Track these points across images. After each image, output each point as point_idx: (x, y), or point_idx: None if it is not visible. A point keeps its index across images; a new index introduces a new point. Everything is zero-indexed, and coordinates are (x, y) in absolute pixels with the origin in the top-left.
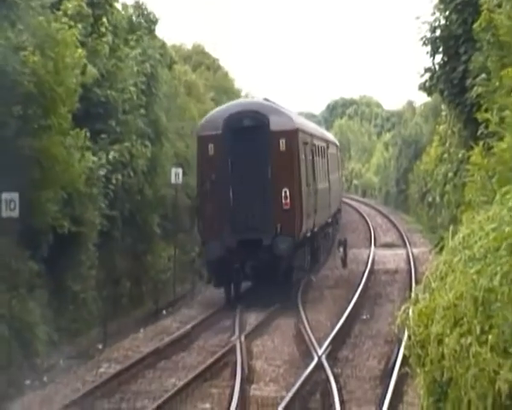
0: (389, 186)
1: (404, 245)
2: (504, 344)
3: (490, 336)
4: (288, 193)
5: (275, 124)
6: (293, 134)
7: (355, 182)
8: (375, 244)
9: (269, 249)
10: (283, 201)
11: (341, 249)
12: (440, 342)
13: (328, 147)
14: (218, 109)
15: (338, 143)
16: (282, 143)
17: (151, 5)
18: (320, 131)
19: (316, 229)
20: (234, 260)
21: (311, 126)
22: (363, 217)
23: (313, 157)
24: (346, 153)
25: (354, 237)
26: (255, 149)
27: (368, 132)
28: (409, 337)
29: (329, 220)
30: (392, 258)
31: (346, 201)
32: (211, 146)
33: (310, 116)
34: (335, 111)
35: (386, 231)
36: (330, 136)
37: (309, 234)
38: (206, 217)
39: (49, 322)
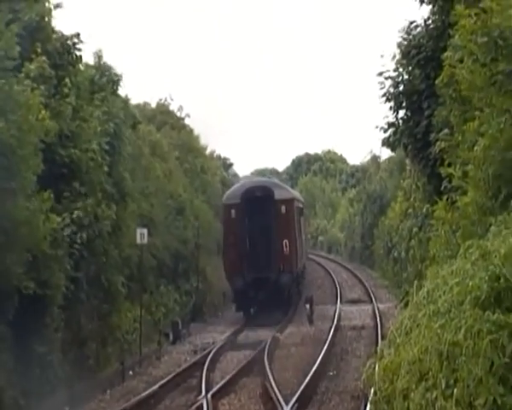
0: (354, 242)
1: (370, 301)
2: (469, 398)
3: (455, 390)
4: (287, 243)
5: (278, 195)
6: (290, 202)
7: (320, 238)
8: (340, 300)
9: (275, 283)
10: (284, 248)
11: (308, 306)
12: (406, 396)
13: (303, 208)
14: (238, 185)
15: (303, 201)
16: (283, 208)
17: (113, 63)
18: (298, 195)
19: (301, 269)
20: (251, 291)
21: (298, 194)
22: (329, 273)
23: (299, 217)
24: (311, 210)
25: (320, 294)
26: (264, 212)
27: (333, 188)
28: (374, 393)
29: (305, 265)
30: (358, 314)
31: (312, 257)
32: (233, 211)
33: (274, 173)
34: (300, 168)
35: (352, 287)
36: (298, 194)
37: (299, 272)
38: (231, 260)
39: (15, 386)
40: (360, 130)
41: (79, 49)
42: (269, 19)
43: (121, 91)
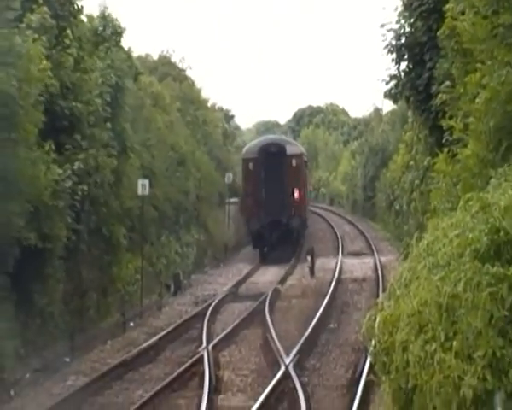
0: (356, 194)
1: (372, 253)
2: (468, 350)
3: (454, 343)
4: (297, 191)
5: (289, 150)
6: (300, 156)
7: (322, 190)
8: (342, 253)
9: (287, 225)
10: (295, 196)
11: (309, 258)
12: (405, 349)
13: (307, 161)
14: (255, 142)
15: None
16: (294, 161)
17: (116, 15)
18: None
19: (306, 215)
20: (266, 232)
21: (304, 150)
22: (331, 225)
23: (306, 170)
24: (313, 162)
25: (322, 246)
26: (278, 165)
27: (335, 141)
28: (374, 345)
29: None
30: (359, 266)
31: (314, 209)
32: (251, 164)
33: (275, 125)
34: (302, 120)
35: (354, 239)
36: (303, 149)
37: (306, 217)
38: (249, 206)
39: (16, 336)
40: (362, 82)
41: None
42: None
43: (124, 43)
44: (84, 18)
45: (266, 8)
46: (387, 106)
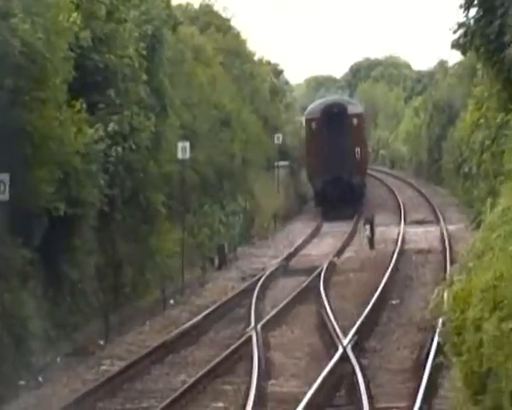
0: (420, 156)
1: (438, 221)
2: None
3: None
4: (358, 151)
5: (350, 110)
6: (360, 116)
7: (382, 152)
8: (405, 221)
9: (348, 182)
10: (356, 155)
11: (368, 228)
12: (478, 327)
13: (366, 119)
14: (317, 102)
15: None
16: (355, 121)
17: None
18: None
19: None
20: (329, 189)
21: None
22: (392, 191)
23: (365, 129)
24: (371, 120)
25: (382, 214)
26: (340, 125)
27: (396, 97)
28: (443, 324)
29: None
30: (424, 236)
31: (373, 173)
32: (313, 124)
33: (330, 80)
34: (359, 74)
35: (418, 206)
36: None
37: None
38: (312, 164)
39: (45, 316)
40: (425, 32)
41: None
42: None
43: None
44: None
45: None
46: (454, 57)
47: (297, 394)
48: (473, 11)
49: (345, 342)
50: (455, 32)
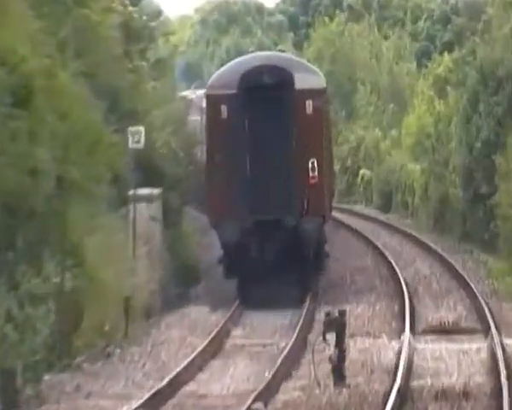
0: (449, 184)
1: (485, 330)
2: None
3: None
4: (315, 164)
5: (301, 81)
6: (320, 94)
7: (364, 173)
8: (412, 327)
9: (294, 231)
10: (310, 173)
11: (331, 338)
12: None
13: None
14: (232, 63)
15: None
16: (309, 104)
17: None
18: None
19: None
20: (252, 245)
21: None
22: (385, 258)
23: (329, 122)
24: (342, 106)
25: (363, 308)
26: (277, 112)
27: (396, 53)
28: None
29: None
30: (454, 360)
31: (342, 220)
32: (224, 107)
33: (261, 12)
34: (316, 3)
35: (442, 294)
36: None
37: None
38: (218, 193)
39: None
40: None
41: None
42: None
43: None
44: None
45: None
46: None
47: None
48: None
49: None
50: None
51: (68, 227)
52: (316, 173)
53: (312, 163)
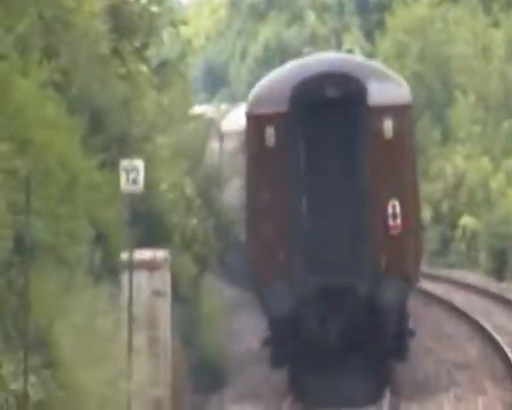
0: None
1: None
2: None
3: None
4: (397, 208)
5: (377, 94)
6: (405, 111)
7: (467, 222)
8: None
9: (366, 301)
10: (390, 221)
11: None
12: None
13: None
14: (281, 70)
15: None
16: (388, 126)
17: None
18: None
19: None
20: (309, 319)
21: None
22: (499, 348)
23: (414, 145)
24: (434, 124)
25: None
26: (344, 137)
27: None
28: None
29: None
30: None
31: (433, 294)
32: (270, 131)
33: None
34: None
35: None
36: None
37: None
38: (264, 248)
39: None
40: None
41: None
42: None
43: None
44: None
45: None
46: None
47: None
48: None
49: None
50: None
51: (33, 308)
52: (398, 221)
53: (393, 207)
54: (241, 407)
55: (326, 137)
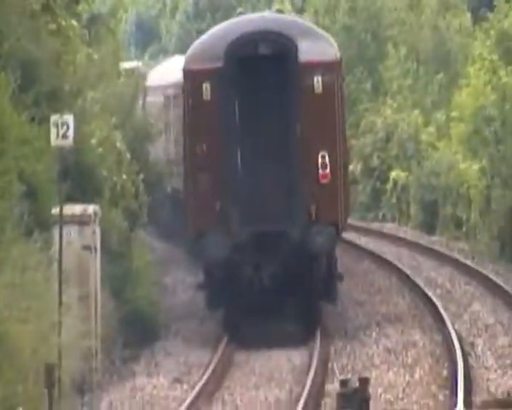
0: None
1: None
2: None
3: None
4: (327, 158)
5: (307, 51)
6: (333, 67)
7: (398, 176)
8: (467, 401)
9: (300, 245)
10: (320, 170)
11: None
12: None
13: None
14: (218, 29)
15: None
16: (318, 81)
17: None
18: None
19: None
20: (246, 263)
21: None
22: (429, 300)
23: (343, 100)
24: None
25: (396, 375)
26: (276, 92)
27: (443, 2)
28: None
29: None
30: None
31: (365, 248)
32: (206, 86)
33: None
34: None
35: None
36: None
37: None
38: (200, 198)
39: None
40: None
41: None
42: None
43: None
44: None
45: None
46: None
47: None
48: None
49: None
50: None
51: None
52: (327, 170)
53: (323, 157)
54: (162, 371)
55: (259, 93)
